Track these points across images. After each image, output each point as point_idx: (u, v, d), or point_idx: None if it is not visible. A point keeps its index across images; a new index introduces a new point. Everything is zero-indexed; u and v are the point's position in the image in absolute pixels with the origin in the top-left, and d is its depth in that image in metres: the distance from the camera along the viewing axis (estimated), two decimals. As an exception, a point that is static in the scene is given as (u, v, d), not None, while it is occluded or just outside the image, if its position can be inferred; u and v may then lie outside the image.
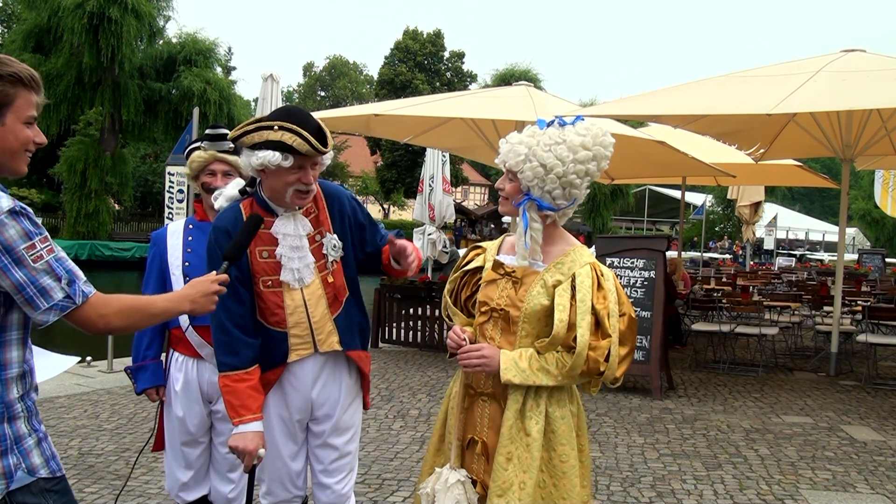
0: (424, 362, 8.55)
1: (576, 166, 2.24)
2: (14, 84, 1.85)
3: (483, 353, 2.27)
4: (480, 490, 2.30)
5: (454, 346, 2.35)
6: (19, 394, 1.87)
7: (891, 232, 33.96)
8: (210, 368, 3.07)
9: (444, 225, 11.90)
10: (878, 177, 20.47)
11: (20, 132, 1.88)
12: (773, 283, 13.80)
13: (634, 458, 5.16)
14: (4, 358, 1.84)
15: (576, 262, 2.29)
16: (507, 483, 2.20)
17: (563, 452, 2.26)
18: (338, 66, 70.23)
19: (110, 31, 24.67)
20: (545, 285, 2.26)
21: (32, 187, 30.95)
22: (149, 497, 4.18)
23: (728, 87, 7.90)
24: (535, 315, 2.26)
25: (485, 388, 2.34)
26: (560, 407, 2.29)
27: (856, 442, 5.70)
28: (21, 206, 1.79)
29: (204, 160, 3.10)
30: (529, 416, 2.25)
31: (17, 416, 1.86)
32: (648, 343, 7.19)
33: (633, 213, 39.58)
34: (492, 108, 8.74)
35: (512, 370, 2.23)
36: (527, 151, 2.24)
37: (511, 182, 2.31)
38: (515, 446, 2.24)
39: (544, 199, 2.26)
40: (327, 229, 2.63)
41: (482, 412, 2.35)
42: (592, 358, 2.20)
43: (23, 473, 1.84)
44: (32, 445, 1.88)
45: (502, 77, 33.58)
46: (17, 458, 1.84)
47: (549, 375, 2.23)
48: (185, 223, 3.19)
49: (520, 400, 2.26)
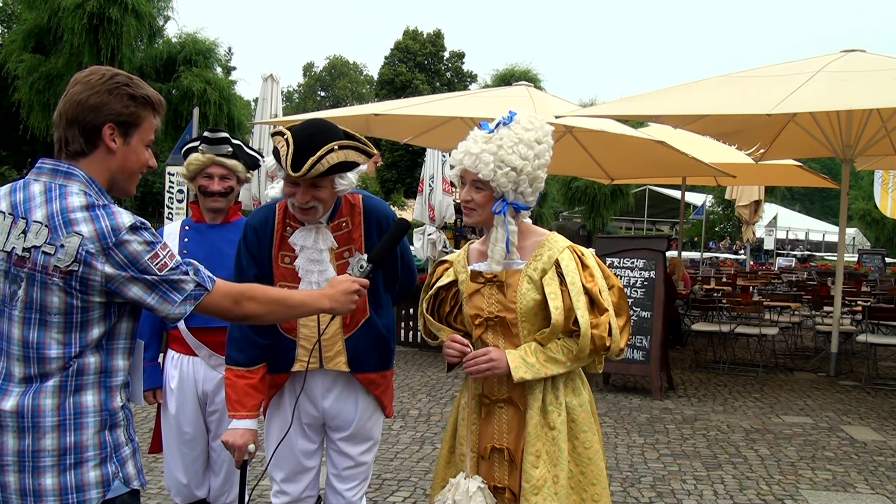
0: (424, 362, 8.55)
1: (536, 160, 2.27)
2: (145, 107, 1.88)
3: (490, 357, 2.27)
4: (510, 496, 2.30)
5: (456, 355, 2.32)
6: (122, 402, 1.88)
7: (891, 232, 33.91)
8: (205, 366, 3.08)
9: (444, 225, 11.88)
10: (877, 177, 20.47)
11: (141, 154, 1.91)
12: (773, 283, 13.81)
13: (634, 458, 5.16)
14: (112, 365, 1.85)
15: (554, 249, 2.30)
16: (542, 480, 2.21)
17: (587, 440, 2.29)
18: (338, 66, 70.23)
19: (110, 31, 24.63)
20: (532, 280, 2.28)
21: (32, 187, 30.99)
22: (149, 497, 4.18)
23: (728, 87, 7.90)
24: (531, 311, 2.27)
25: (500, 394, 2.34)
26: (577, 395, 2.32)
27: (856, 442, 5.70)
28: (140, 220, 1.80)
29: (201, 163, 3.08)
30: (551, 409, 2.27)
31: (118, 424, 1.86)
32: (648, 343, 7.19)
33: (633, 213, 39.53)
34: (492, 108, 8.71)
35: (522, 367, 2.23)
36: (493, 158, 2.22)
37: (479, 191, 2.28)
38: (542, 442, 2.25)
39: (519, 201, 2.28)
40: (358, 247, 2.55)
41: (500, 419, 2.34)
42: (597, 335, 2.22)
43: (119, 483, 1.84)
44: (129, 455, 1.88)
45: (502, 77, 33.50)
46: (115, 467, 1.84)
47: (559, 364, 2.24)
48: (181, 224, 3.18)
49: (540, 398, 2.28)
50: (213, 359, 3.04)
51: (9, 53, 27.26)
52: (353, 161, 2.42)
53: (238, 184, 3.14)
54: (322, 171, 2.34)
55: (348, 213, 2.57)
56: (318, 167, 2.33)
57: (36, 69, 27.14)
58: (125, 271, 1.76)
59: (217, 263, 3.04)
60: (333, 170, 2.37)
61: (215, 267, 3.04)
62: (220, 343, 3.05)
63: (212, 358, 3.04)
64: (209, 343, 3.02)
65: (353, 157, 2.41)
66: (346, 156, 2.38)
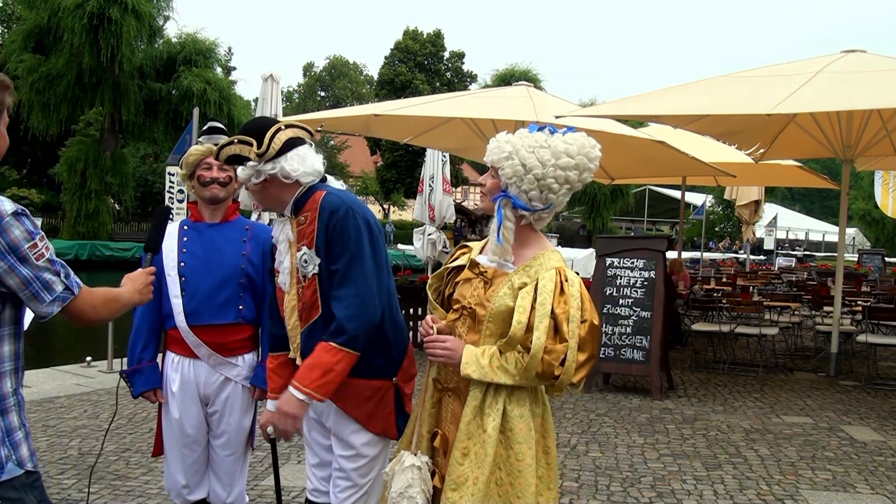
0: (424, 362, 8.54)
1: (555, 171, 2.26)
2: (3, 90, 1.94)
3: (447, 345, 2.32)
4: (438, 483, 2.32)
5: (424, 334, 2.41)
6: (13, 387, 1.93)
7: (891, 232, 33.97)
8: (206, 369, 3.07)
9: (444, 225, 11.88)
10: (877, 177, 20.48)
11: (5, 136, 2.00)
12: (773, 283, 13.81)
13: (634, 458, 5.16)
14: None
15: (542, 266, 2.30)
16: (462, 477, 2.23)
17: (520, 451, 2.27)
18: (338, 66, 70.24)
19: (110, 31, 24.65)
20: (512, 287, 2.29)
21: (32, 187, 30.97)
22: (149, 497, 4.18)
23: (728, 87, 7.89)
24: (500, 315, 2.28)
25: (449, 382, 2.38)
26: (519, 405, 2.30)
27: (856, 442, 5.70)
28: (21, 208, 1.87)
29: (201, 153, 3.08)
30: (487, 412, 2.28)
31: (9, 409, 1.92)
32: (648, 343, 7.19)
33: (632, 213, 39.59)
34: (492, 108, 8.74)
35: (472, 365, 2.26)
36: (511, 150, 2.28)
37: (492, 178, 2.35)
38: (472, 442, 2.26)
39: (520, 199, 2.29)
40: (309, 242, 2.55)
41: (446, 407, 2.39)
42: (547, 361, 2.20)
43: (13, 465, 1.89)
44: (22, 439, 1.94)
45: (502, 77, 33.56)
46: (7, 450, 1.89)
47: (508, 374, 2.25)
48: (179, 224, 3.18)
49: (479, 397, 2.29)
50: (214, 358, 3.04)
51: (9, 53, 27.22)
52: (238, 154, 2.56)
53: (236, 180, 3.13)
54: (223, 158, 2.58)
55: (310, 208, 2.58)
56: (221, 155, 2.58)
57: (36, 69, 27.09)
58: (4, 260, 1.82)
59: (216, 262, 3.05)
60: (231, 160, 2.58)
61: (214, 265, 3.05)
62: (221, 343, 3.06)
63: (212, 357, 3.04)
64: (210, 343, 3.02)
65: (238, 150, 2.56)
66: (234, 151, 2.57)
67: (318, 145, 2.76)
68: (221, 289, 3.02)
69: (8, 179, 31.15)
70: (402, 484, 2.29)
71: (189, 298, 3.01)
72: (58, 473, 4.47)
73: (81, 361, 7.85)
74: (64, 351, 10.38)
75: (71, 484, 4.35)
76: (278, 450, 2.83)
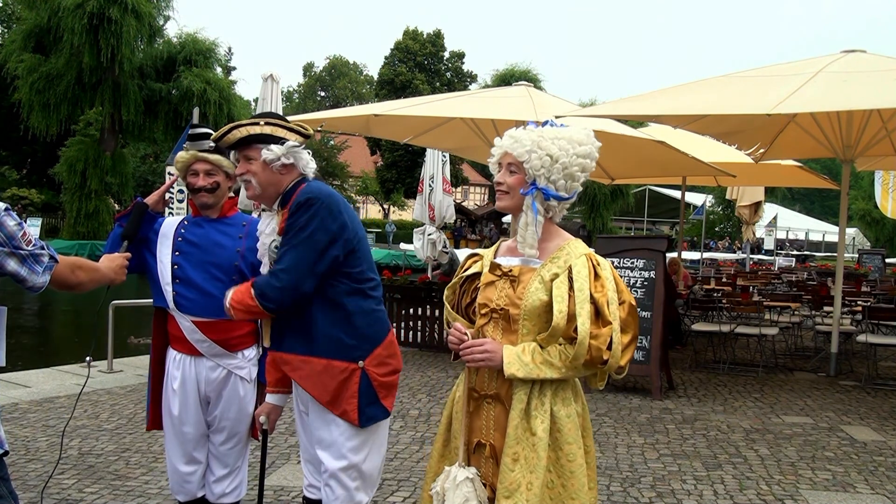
0: (424, 362, 8.55)
1: (577, 159, 2.29)
2: None
3: (486, 348, 2.27)
4: (489, 493, 2.29)
5: (456, 342, 2.33)
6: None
7: (891, 232, 33.98)
8: (208, 366, 3.08)
9: (444, 225, 11.87)
10: (877, 177, 20.49)
11: None
12: (773, 283, 13.81)
13: (634, 458, 5.16)
14: None
15: (571, 255, 2.29)
16: (515, 484, 2.19)
17: (570, 452, 2.25)
18: (338, 66, 70.24)
19: (110, 31, 24.67)
20: (543, 280, 2.27)
21: (32, 187, 30.98)
22: (149, 497, 4.18)
23: (728, 87, 7.90)
24: (535, 311, 2.26)
25: (489, 389, 2.33)
26: (565, 405, 2.28)
27: (856, 442, 5.70)
28: (6, 204, 2.22)
29: (186, 161, 3.10)
30: (535, 415, 2.24)
31: None
32: (648, 343, 7.19)
33: (632, 213, 39.56)
34: (492, 108, 8.74)
35: (515, 364, 2.22)
36: (531, 143, 2.29)
37: (513, 174, 2.33)
38: (522, 447, 2.23)
39: (550, 189, 2.29)
40: (280, 231, 2.65)
41: (487, 415, 2.34)
42: (595, 346, 2.19)
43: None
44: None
45: (502, 77, 33.60)
46: None
47: (553, 368, 2.22)
48: (180, 220, 3.20)
49: (524, 399, 2.25)
50: (215, 350, 3.07)
51: (9, 53, 27.21)
52: (270, 134, 2.67)
53: (227, 179, 3.14)
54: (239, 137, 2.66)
55: (293, 200, 2.67)
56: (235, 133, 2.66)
57: (36, 69, 27.09)
58: (4, 247, 2.16)
59: (214, 253, 3.08)
60: (252, 139, 2.65)
61: (208, 257, 3.08)
62: (223, 339, 3.08)
63: (213, 350, 3.06)
64: (213, 338, 3.05)
65: (271, 130, 2.68)
66: (262, 130, 2.67)
67: (319, 145, 2.81)
68: (215, 283, 3.02)
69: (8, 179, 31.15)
70: (460, 500, 2.25)
71: (183, 287, 3.04)
72: (58, 473, 4.46)
73: (81, 361, 7.86)
74: (64, 351, 10.40)
75: (71, 484, 4.34)
76: (278, 450, 2.84)
